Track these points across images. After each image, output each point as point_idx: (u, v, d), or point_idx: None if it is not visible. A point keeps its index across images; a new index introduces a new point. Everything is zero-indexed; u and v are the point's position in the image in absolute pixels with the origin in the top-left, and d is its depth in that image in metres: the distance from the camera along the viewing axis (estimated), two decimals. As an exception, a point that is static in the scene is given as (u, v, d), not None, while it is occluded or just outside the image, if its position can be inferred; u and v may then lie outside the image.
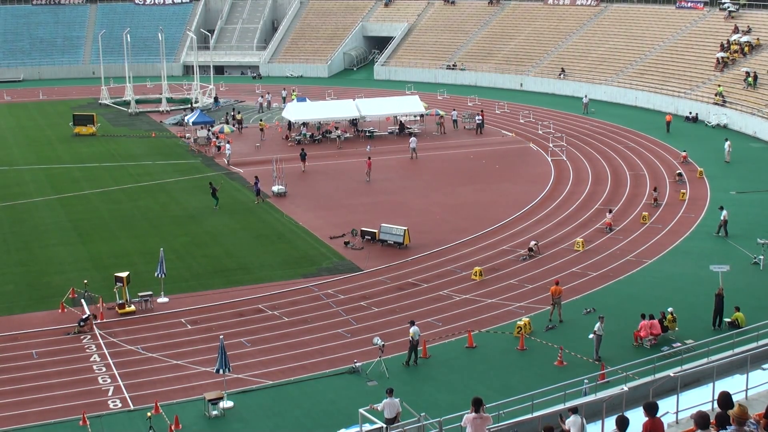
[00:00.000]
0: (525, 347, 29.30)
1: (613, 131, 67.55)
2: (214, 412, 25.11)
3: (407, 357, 28.20)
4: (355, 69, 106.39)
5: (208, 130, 65.39)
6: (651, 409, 13.87)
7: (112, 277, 34.01)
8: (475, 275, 36.11)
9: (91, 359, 29.14)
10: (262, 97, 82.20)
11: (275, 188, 50.12)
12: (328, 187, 51.69)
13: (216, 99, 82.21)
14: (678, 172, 52.11)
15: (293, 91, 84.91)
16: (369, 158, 54.86)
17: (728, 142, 56.64)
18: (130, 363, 28.79)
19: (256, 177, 50.00)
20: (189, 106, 79.67)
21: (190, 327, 31.81)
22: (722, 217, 40.91)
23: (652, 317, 29.58)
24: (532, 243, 39.20)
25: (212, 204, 47.07)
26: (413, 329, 28.23)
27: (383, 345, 28.06)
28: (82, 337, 30.82)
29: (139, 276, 35.63)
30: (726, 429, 12.22)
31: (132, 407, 25.80)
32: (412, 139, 60.37)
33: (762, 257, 36.57)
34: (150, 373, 28.11)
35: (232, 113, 74.42)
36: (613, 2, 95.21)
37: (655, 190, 47.93)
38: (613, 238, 40.99)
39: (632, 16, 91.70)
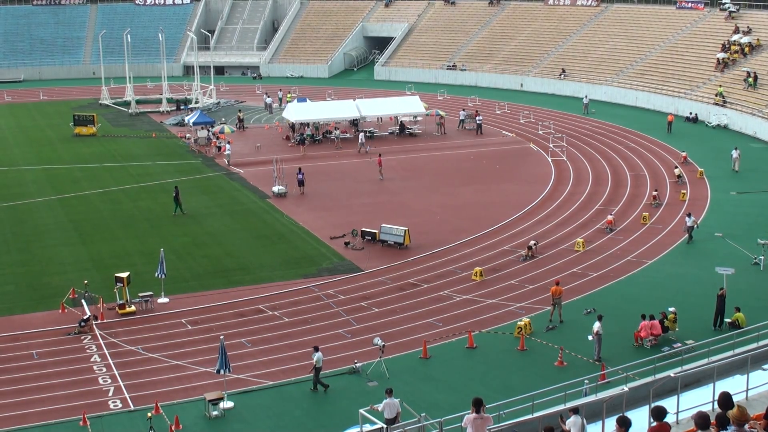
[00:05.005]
0: (525, 348, 29.30)
1: (614, 131, 67.56)
2: (215, 413, 25.13)
3: (313, 383, 26.62)
4: (355, 69, 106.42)
5: (209, 131, 65.43)
6: (660, 414, 13.84)
7: (112, 278, 34.02)
8: (476, 275, 36.12)
9: (92, 359, 29.15)
10: (271, 96, 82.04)
11: (275, 188, 50.15)
12: (329, 188, 51.69)
13: (183, 102, 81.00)
14: (677, 173, 51.98)
15: (289, 92, 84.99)
16: (379, 155, 55.02)
17: (737, 151, 54.17)
18: (131, 363, 28.80)
19: (300, 168, 51.49)
20: (189, 106, 79.71)
21: (190, 327, 31.82)
22: (689, 223, 40.33)
23: (652, 318, 29.58)
24: (532, 242, 39.23)
25: (181, 208, 46.40)
26: (317, 355, 26.56)
27: (383, 345, 28.05)
28: (82, 338, 30.83)
29: (139, 276, 35.64)
30: (726, 429, 12.23)
31: (132, 407, 25.81)
32: (361, 134, 62.85)
33: (762, 257, 36.56)
34: (150, 373, 28.12)
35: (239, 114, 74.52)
36: (613, 2, 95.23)
37: (655, 190, 47.95)
38: (613, 239, 41.00)
39: (632, 16, 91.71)
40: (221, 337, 26.81)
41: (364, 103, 70.44)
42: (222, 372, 25.62)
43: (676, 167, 53.36)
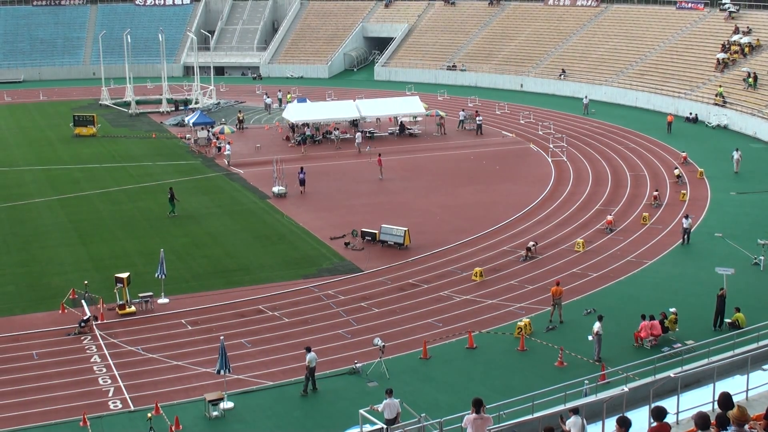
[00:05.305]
0: (525, 348, 29.30)
1: (614, 132, 67.56)
2: (215, 413, 25.13)
3: (304, 385, 26.48)
4: (355, 70, 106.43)
5: (209, 131, 65.45)
6: (660, 415, 13.85)
7: (112, 278, 34.02)
8: (476, 276, 36.12)
9: (92, 360, 29.16)
10: (271, 97, 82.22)
11: (275, 189, 50.16)
12: (329, 188, 51.70)
13: (183, 102, 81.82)
14: (677, 174, 51.93)
15: (288, 93, 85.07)
16: (379, 155, 55.07)
17: (738, 152, 53.99)
18: (131, 364, 28.80)
19: (302, 167, 51.36)
20: (189, 106, 79.73)
21: (190, 328, 31.82)
22: (686, 225, 40.09)
23: (652, 318, 29.59)
24: (531, 243, 39.22)
25: (169, 210, 46.18)
26: (309, 356, 26.47)
27: (383, 346, 28.06)
28: (82, 338, 30.83)
29: (139, 277, 35.64)
30: (726, 430, 12.23)
31: (132, 408, 25.82)
32: (358, 134, 63.49)
33: (762, 258, 36.55)
34: (150, 373, 28.13)
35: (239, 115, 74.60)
36: (613, 3, 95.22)
37: (656, 191, 47.97)
38: (613, 239, 40.99)
39: (632, 16, 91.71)
40: (221, 337, 26.82)
41: (364, 104, 70.47)
42: (222, 372, 25.63)
43: (676, 167, 53.36)
